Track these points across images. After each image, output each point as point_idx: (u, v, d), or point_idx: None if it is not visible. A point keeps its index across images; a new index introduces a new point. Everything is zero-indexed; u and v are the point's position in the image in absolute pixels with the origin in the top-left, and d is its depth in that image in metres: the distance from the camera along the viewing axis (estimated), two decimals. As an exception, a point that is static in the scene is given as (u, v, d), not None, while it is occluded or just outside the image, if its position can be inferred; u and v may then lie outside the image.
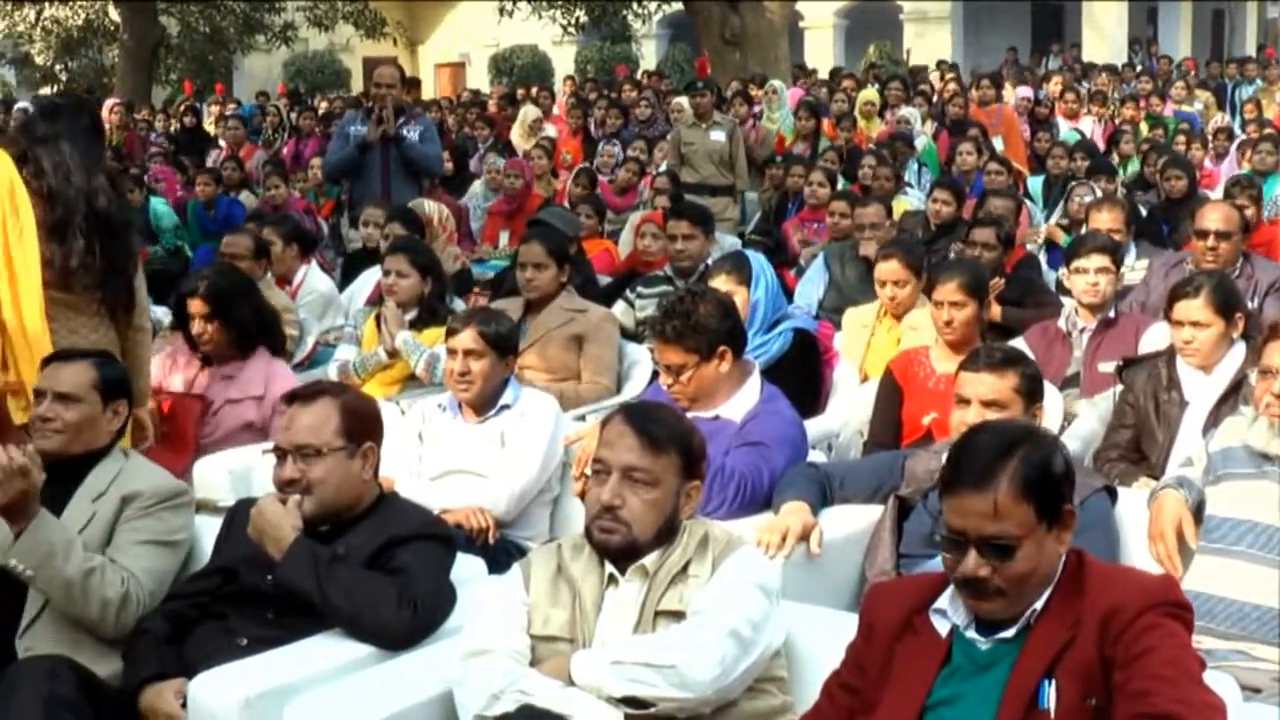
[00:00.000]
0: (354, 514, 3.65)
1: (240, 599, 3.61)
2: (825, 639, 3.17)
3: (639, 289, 7.18)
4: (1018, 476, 2.65)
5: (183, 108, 18.96)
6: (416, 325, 6.10)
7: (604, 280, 8.28)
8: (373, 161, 9.05)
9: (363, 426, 3.69)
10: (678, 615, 3.11)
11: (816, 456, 4.72)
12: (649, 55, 29.69)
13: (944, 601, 2.78)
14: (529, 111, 15.77)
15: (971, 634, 2.74)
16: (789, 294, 7.29)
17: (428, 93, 28.63)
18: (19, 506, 3.60)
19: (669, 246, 7.24)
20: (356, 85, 29.40)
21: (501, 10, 23.86)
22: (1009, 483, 2.64)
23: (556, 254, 6.20)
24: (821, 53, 29.00)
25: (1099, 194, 9.09)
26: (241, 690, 3.15)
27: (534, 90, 19.86)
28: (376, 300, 6.75)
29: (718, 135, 11.64)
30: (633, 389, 6.03)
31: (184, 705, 3.30)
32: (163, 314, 6.75)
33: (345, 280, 8.30)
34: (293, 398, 3.75)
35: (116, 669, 3.58)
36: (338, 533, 3.61)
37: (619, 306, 7.05)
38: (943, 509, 2.74)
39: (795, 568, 3.81)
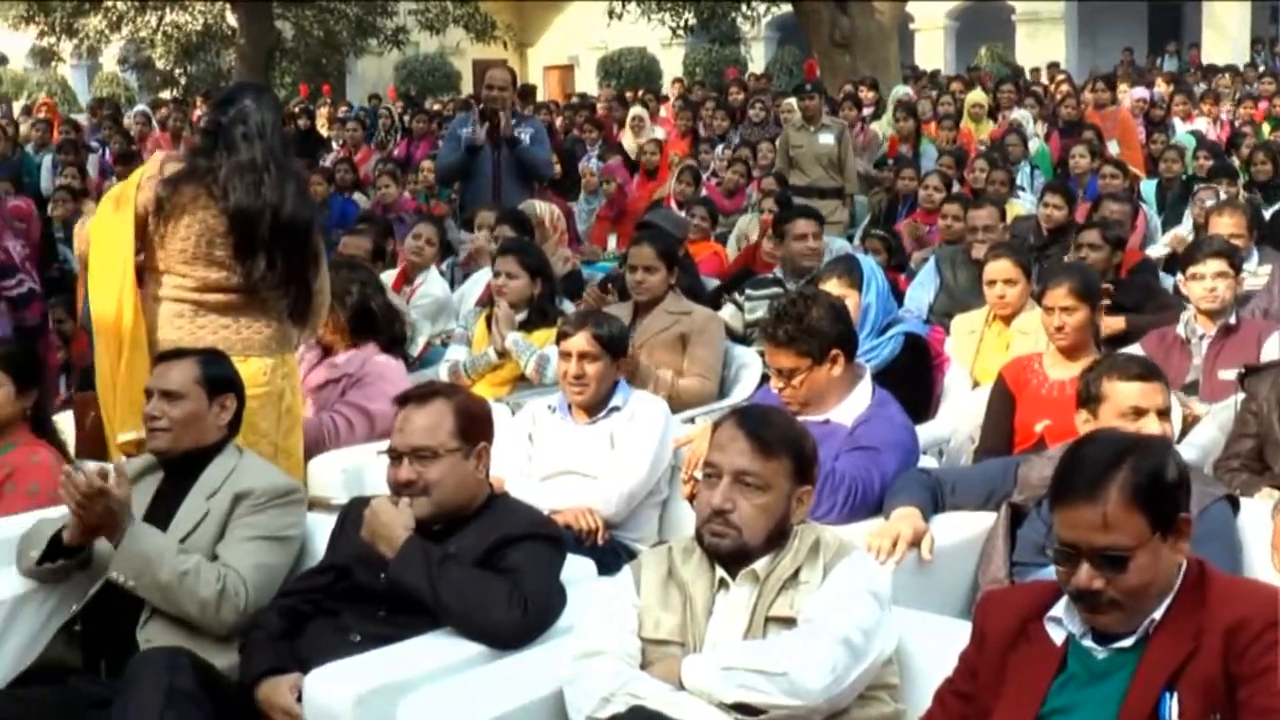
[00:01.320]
0: (466, 514, 3.67)
1: (353, 596, 3.63)
2: (937, 646, 3.14)
3: (748, 291, 7.16)
4: (1128, 486, 2.60)
5: (296, 110, 19.21)
6: (526, 326, 6.13)
7: (712, 283, 8.27)
8: (483, 164, 9.10)
9: (476, 427, 3.71)
10: (788, 621, 3.10)
11: (927, 462, 4.68)
12: (757, 58, 29.63)
13: (1059, 609, 2.73)
14: (633, 112, 15.84)
15: (1088, 642, 2.70)
16: (900, 298, 7.23)
17: (537, 95, 28.82)
18: (108, 523, 3.73)
19: (793, 247, 7.19)
20: (466, 88, 29.64)
21: (611, 13, 23.92)
22: (1119, 492, 2.59)
23: (666, 256, 6.20)
24: (932, 54, 28.77)
25: (1223, 197, 8.91)
26: (355, 686, 3.17)
27: (642, 93, 19.91)
28: (487, 301, 6.79)
29: (826, 138, 11.58)
30: (741, 392, 6.01)
31: (299, 699, 3.33)
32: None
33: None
34: (406, 399, 3.77)
35: (234, 662, 3.64)
36: (449, 532, 3.63)
37: (728, 310, 7.03)
38: (1053, 522, 2.70)
39: (906, 574, 3.78)
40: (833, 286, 5.52)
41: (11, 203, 5.92)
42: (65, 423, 5.10)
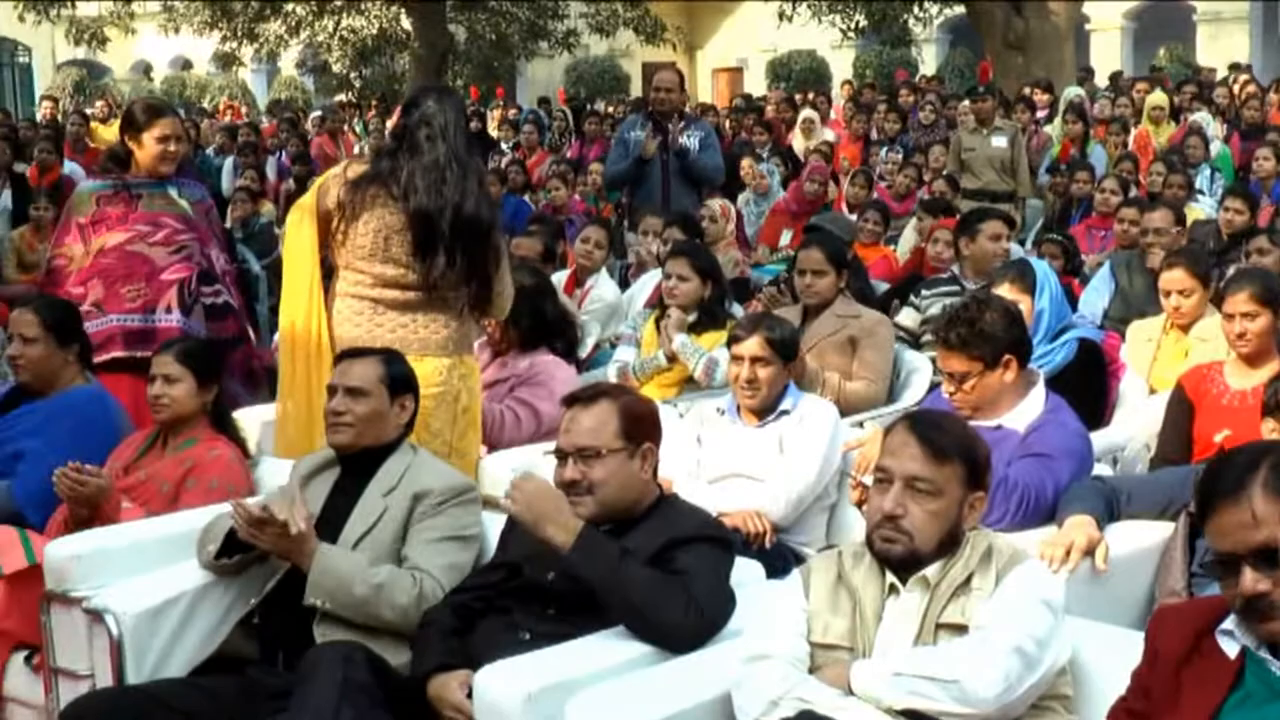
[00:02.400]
0: (634, 515, 3.68)
1: (523, 594, 3.67)
2: (1111, 657, 3.08)
3: (923, 290, 7.09)
4: (1269, 482, 2.52)
5: (468, 112, 19.50)
6: (696, 328, 6.13)
7: (882, 287, 8.20)
8: (653, 170, 9.11)
9: (641, 428, 3.71)
10: (960, 629, 3.06)
11: (1101, 470, 4.59)
12: (929, 59, 29.34)
13: (1231, 621, 2.66)
14: (804, 114, 15.78)
15: (1264, 655, 2.62)
16: (1074, 303, 7.10)
17: (705, 97, 28.88)
18: (289, 550, 3.83)
19: (986, 247, 7.11)
20: (635, 90, 29.79)
21: (781, 15, 23.85)
22: (1261, 488, 2.51)
23: (836, 260, 6.16)
24: (1108, 55, 28.19)
25: None
26: (525, 684, 3.20)
27: (811, 95, 19.83)
28: (656, 303, 6.82)
29: (999, 141, 11.43)
30: (911, 397, 5.95)
31: (469, 696, 3.37)
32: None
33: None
34: (573, 400, 3.79)
35: (407, 658, 3.70)
36: (618, 533, 3.64)
37: (905, 312, 6.96)
38: (1208, 541, 2.63)
39: (1080, 583, 3.71)
40: (1005, 290, 5.45)
41: (206, 203, 6.08)
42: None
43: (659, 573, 3.48)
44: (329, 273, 5.07)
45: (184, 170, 6.26)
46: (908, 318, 6.89)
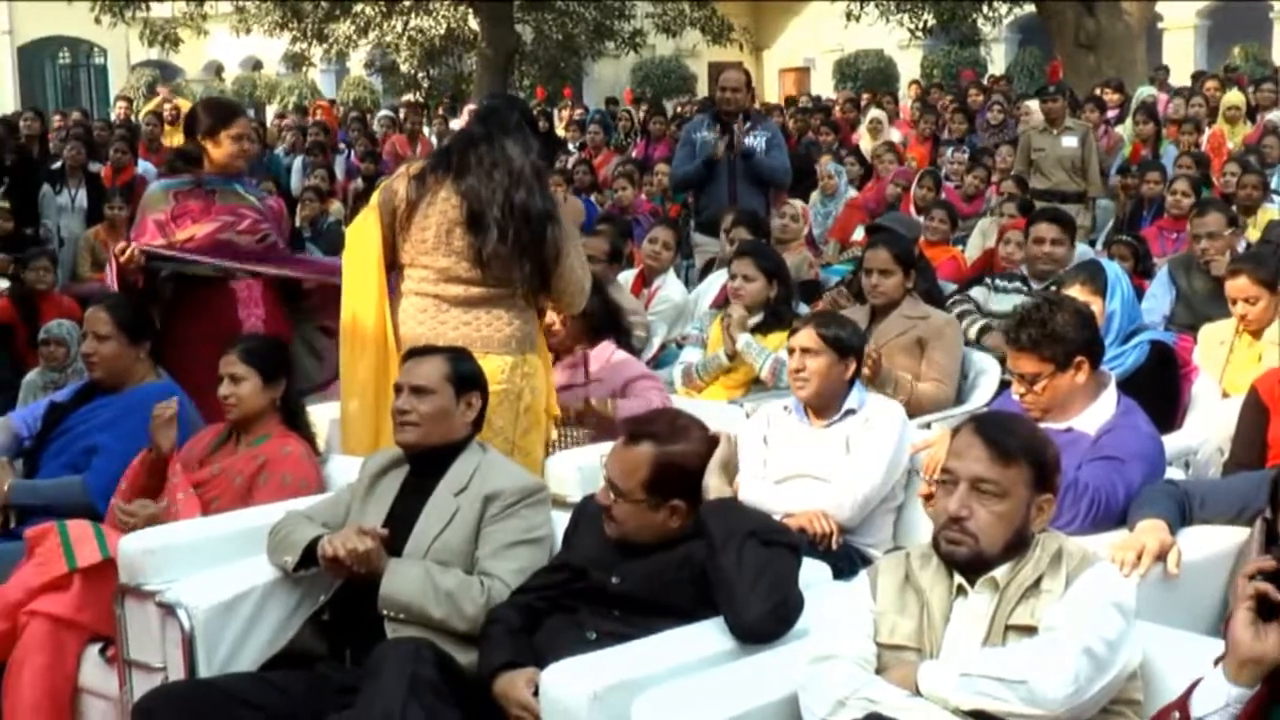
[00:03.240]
0: (677, 539, 3.68)
1: (588, 595, 3.69)
2: (1183, 663, 3.04)
3: (997, 281, 7.05)
4: None
5: (535, 113, 19.53)
6: (761, 329, 6.13)
7: (950, 288, 8.15)
8: (720, 171, 9.08)
9: (672, 484, 3.65)
10: (1029, 630, 3.04)
11: (1173, 473, 4.54)
12: (997, 59, 29.14)
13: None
14: (871, 114, 15.73)
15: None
16: (1144, 303, 7.03)
17: (771, 97, 28.82)
18: (366, 570, 3.85)
19: (1031, 250, 7.07)
20: (702, 90, 29.77)
21: (848, 15, 23.77)
22: None
23: (902, 260, 6.14)
24: (1181, 54, 27.86)
25: None
26: (592, 682, 3.20)
27: (879, 95, 19.74)
28: (722, 303, 6.82)
29: (1069, 141, 11.34)
30: (979, 398, 5.92)
31: (535, 693, 3.37)
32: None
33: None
34: (627, 431, 3.78)
35: (474, 656, 3.71)
36: (682, 540, 3.65)
37: (978, 291, 6.91)
38: None
39: (1151, 588, 3.68)
40: (1075, 292, 5.39)
41: (267, 201, 6.15)
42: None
43: (770, 564, 3.47)
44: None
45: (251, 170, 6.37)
46: (971, 303, 6.83)
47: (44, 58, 40.34)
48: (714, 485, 3.63)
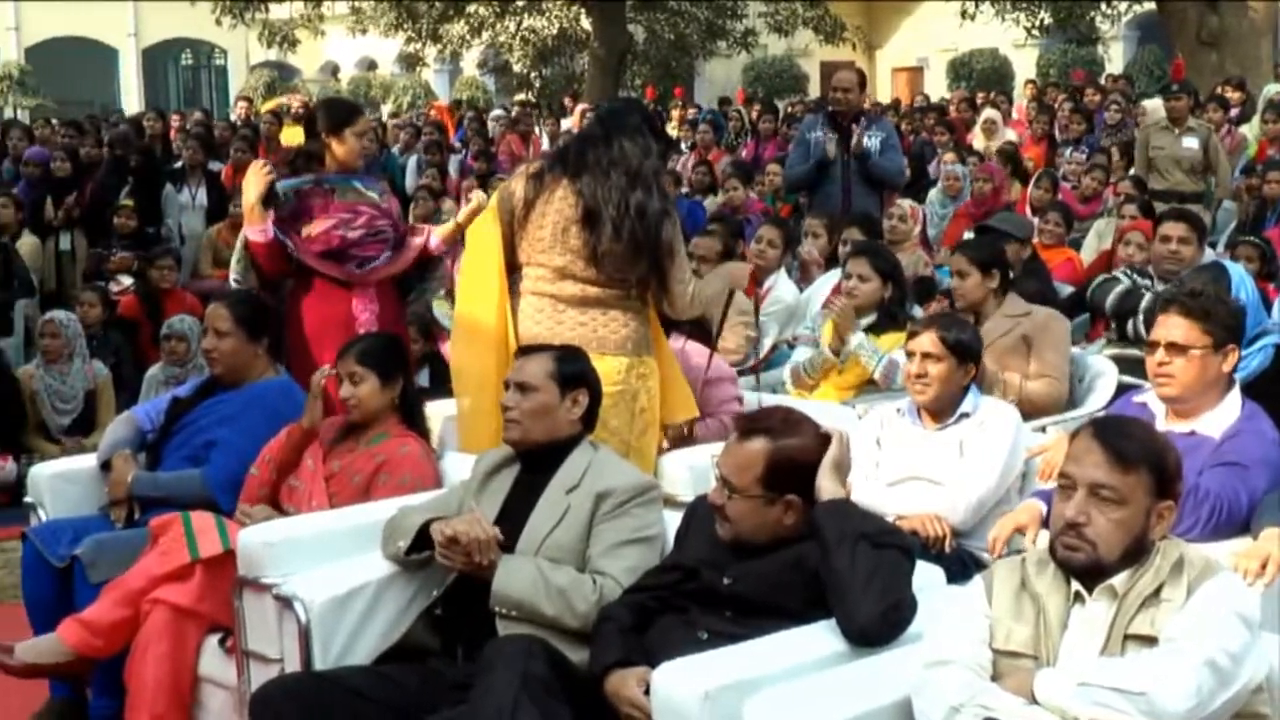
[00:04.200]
0: (796, 536, 3.66)
1: (699, 596, 3.67)
2: (1310, 675, 2.99)
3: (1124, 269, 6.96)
4: None
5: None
6: (875, 329, 6.07)
7: (1065, 289, 8.05)
8: (833, 171, 9.02)
9: (788, 479, 3.63)
10: (1149, 640, 2.98)
11: (1299, 481, 4.45)
12: (1116, 57, 28.69)
13: None
14: (985, 114, 15.57)
15: None
16: (1269, 308, 6.89)
17: (884, 97, 28.63)
18: (479, 560, 3.88)
19: (1158, 249, 6.95)
20: (814, 90, 29.65)
21: (963, 13, 23.55)
22: None
23: (979, 261, 6.03)
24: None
25: None
26: (703, 682, 3.19)
27: (994, 94, 19.54)
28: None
29: (1190, 141, 11.14)
30: (1095, 401, 5.82)
31: (646, 692, 3.37)
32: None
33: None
34: (739, 428, 3.75)
35: (585, 654, 3.72)
36: (789, 542, 3.64)
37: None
38: None
39: (1276, 598, 3.60)
40: (1198, 294, 5.31)
41: (387, 197, 6.22)
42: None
43: (883, 566, 3.46)
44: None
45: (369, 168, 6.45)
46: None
47: (167, 59, 41.16)
48: (827, 487, 3.61)
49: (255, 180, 5.80)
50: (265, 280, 5.96)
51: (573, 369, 4.23)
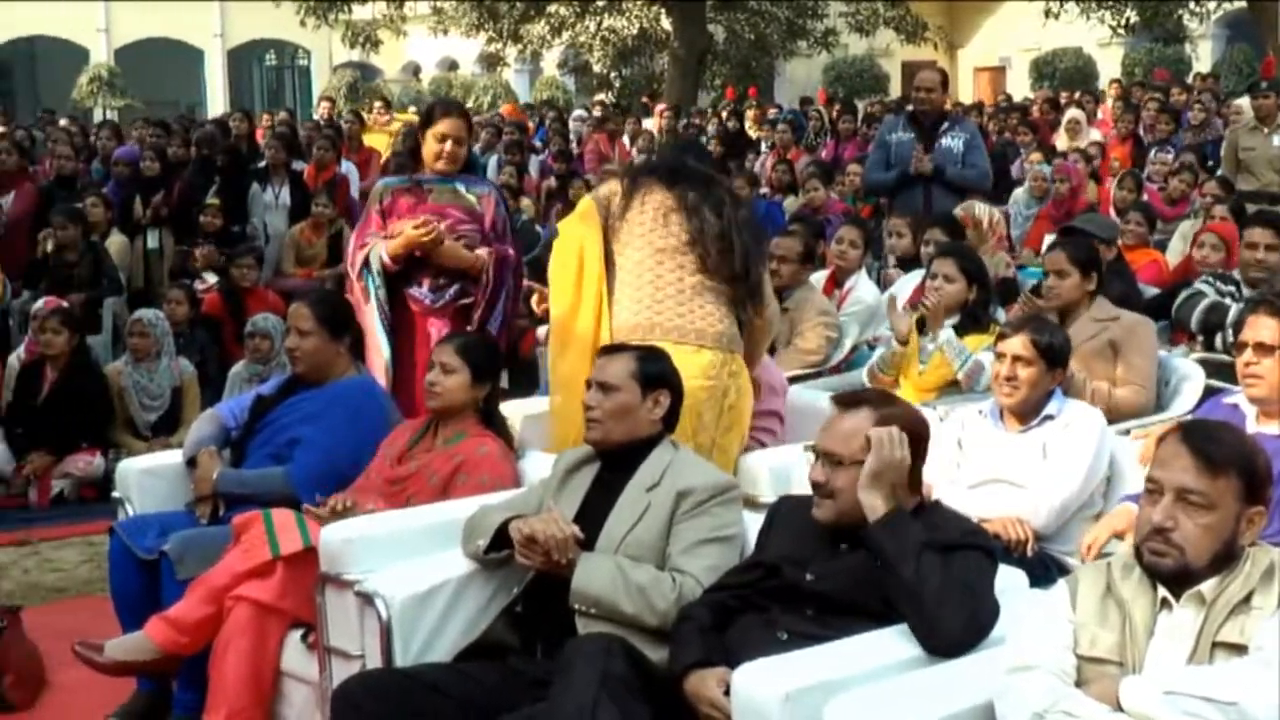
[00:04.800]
0: None
1: (781, 594, 3.66)
2: None
3: (1217, 284, 6.86)
4: None
5: (725, 113, 19.55)
6: (958, 331, 6.03)
7: (1149, 291, 7.95)
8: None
9: None
10: (1238, 649, 2.93)
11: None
12: (1204, 56, 28.31)
13: None
14: (1069, 114, 15.41)
15: None
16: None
17: (966, 97, 28.42)
18: (558, 559, 3.89)
19: (1244, 255, 6.85)
20: (895, 90, 29.49)
21: (1047, 12, 23.33)
22: None
23: (1079, 261, 5.95)
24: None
25: None
26: (784, 683, 3.18)
27: (1078, 94, 19.34)
28: (917, 304, 6.74)
29: (1280, 140, 10.97)
30: (1181, 405, 5.74)
31: (726, 693, 3.37)
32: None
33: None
34: (838, 401, 3.78)
35: (665, 653, 3.71)
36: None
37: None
38: None
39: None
40: (1284, 299, 5.23)
41: (485, 199, 6.23)
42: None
43: (952, 574, 3.44)
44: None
45: (470, 169, 6.46)
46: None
47: (252, 60, 41.61)
48: (869, 502, 3.55)
49: (416, 238, 5.81)
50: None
51: (655, 369, 4.23)
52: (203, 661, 4.52)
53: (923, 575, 3.40)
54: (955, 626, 3.36)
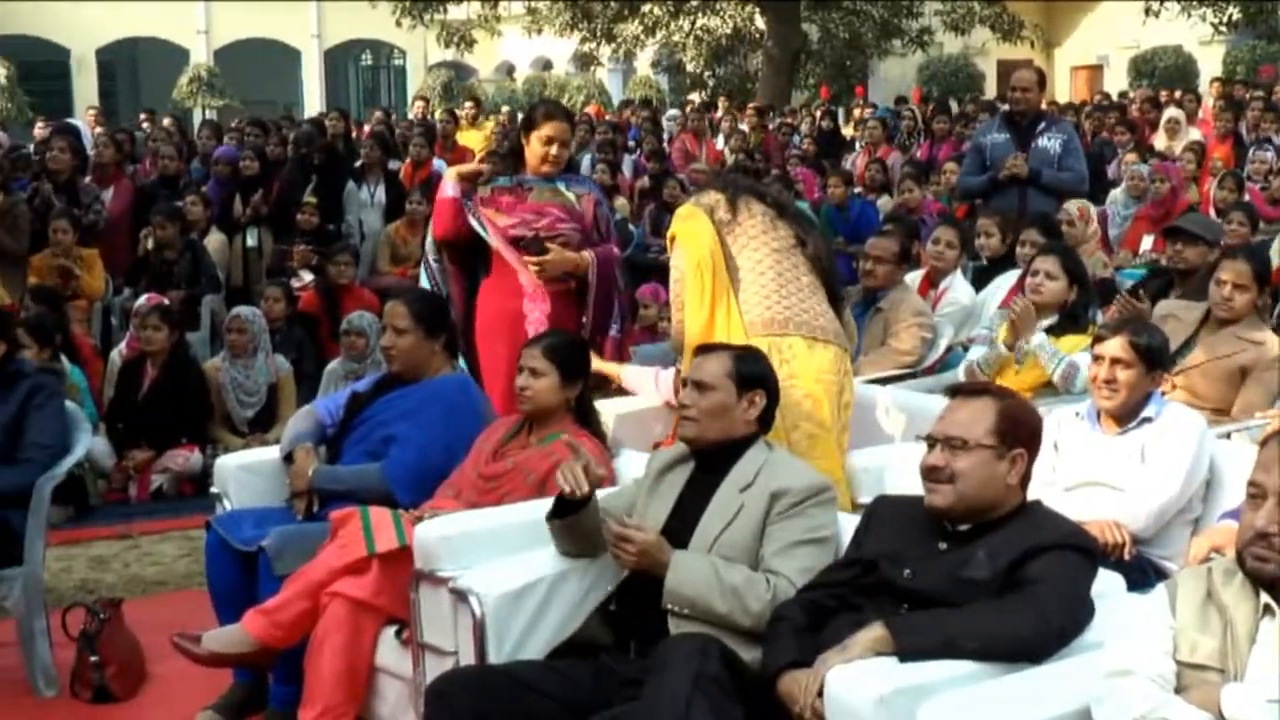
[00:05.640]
0: (994, 516, 3.63)
1: (877, 592, 3.64)
2: None
3: None
4: None
5: (819, 112, 19.47)
6: (1055, 331, 5.97)
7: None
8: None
9: (1017, 432, 3.67)
10: (1346, 659, 2.89)
11: None
12: (1308, 54, 27.80)
13: None
14: (1169, 113, 15.20)
15: None
16: None
17: (1062, 96, 28.11)
18: (646, 566, 3.90)
19: None
20: (990, 89, 29.23)
21: (1147, 10, 23.02)
22: None
23: (1259, 276, 5.86)
24: None
25: None
26: (878, 686, 3.17)
27: (1177, 93, 19.06)
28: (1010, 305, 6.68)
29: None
30: (1285, 410, 5.65)
31: (820, 694, 3.35)
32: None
33: (976, 286, 8.25)
34: (955, 390, 3.81)
35: (758, 654, 3.71)
36: (978, 534, 3.61)
37: None
38: None
39: None
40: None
41: (585, 199, 6.23)
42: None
43: (987, 604, 3.43)
44: None
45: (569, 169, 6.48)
46: None
47: (348, 60, 42.01)
48: None
49: (470, 168, 6.01)
50: (454, 258, 6.09)
51: (752, 369, 4.22)
52: (299, 655, 4.57)
53: (962, 641, 3.35)
54: (1024, 635, 3.35)
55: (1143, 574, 4.26)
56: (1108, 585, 3.66)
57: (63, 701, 5.26)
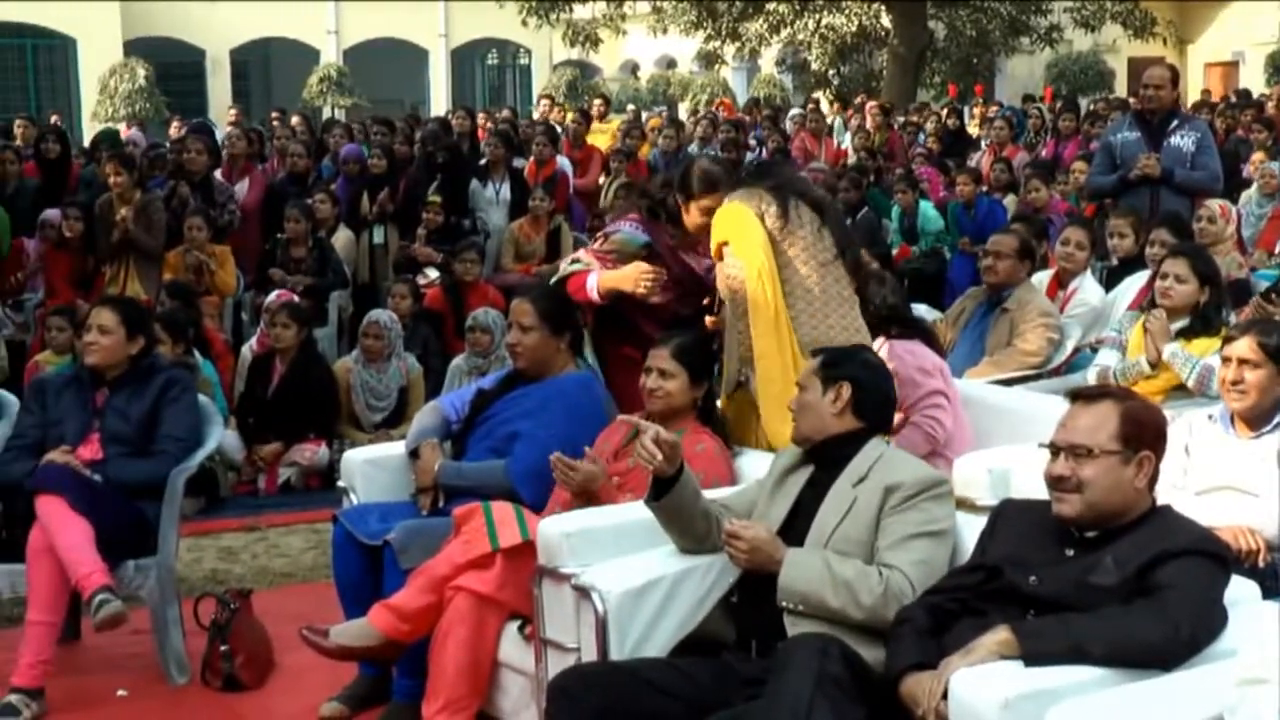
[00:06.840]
0: (1123, 521, 3.57)
1: (1001, 598, 3.60)
2: None
3: None
4: None
5: (945, 111, 19.28)
6: (1187, 334, 5.88)
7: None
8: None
9: (1142, 434, 3.60)
10: None
11: None
12: None
13: None
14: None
15: None
16: None
17: (1195, 94, 27.58)
18: (759, 563, 3.91)
19: None
20: (1120, 87, 28.75)
21: (1283, 5, 22.50)
22: None
23: None
24: None
25: None
26: (1003, 689, 3.14)
27: (1316, 90, 18.63)
28: (1143, 305, 6.57)
29: None
30: None
31: (944, 697, 3.33)
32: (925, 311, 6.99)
33: (1107, 287, 8.13)
34: (1076, 396, 3.74)
35: (879, 655, 3.69)
36: (1106, 540, 3.55)
37: None
38: None
39: None
40: None
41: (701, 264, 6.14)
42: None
43: (1115, 610, 3.37)
44: None
45: None
46: None
47: (474, 59, 42.37)
48: None
49: (635, 282, 5.49)
50: None
51: (835, 365, 4.26)
52: (422, 649, 4.62)
53: (1090, 649, 3.30)
54: (1154, 642, 3.30)
55: (1276, 581, 4.17)
56: (1242, 592, 3.59)
57: (194, 689, 5.37)
